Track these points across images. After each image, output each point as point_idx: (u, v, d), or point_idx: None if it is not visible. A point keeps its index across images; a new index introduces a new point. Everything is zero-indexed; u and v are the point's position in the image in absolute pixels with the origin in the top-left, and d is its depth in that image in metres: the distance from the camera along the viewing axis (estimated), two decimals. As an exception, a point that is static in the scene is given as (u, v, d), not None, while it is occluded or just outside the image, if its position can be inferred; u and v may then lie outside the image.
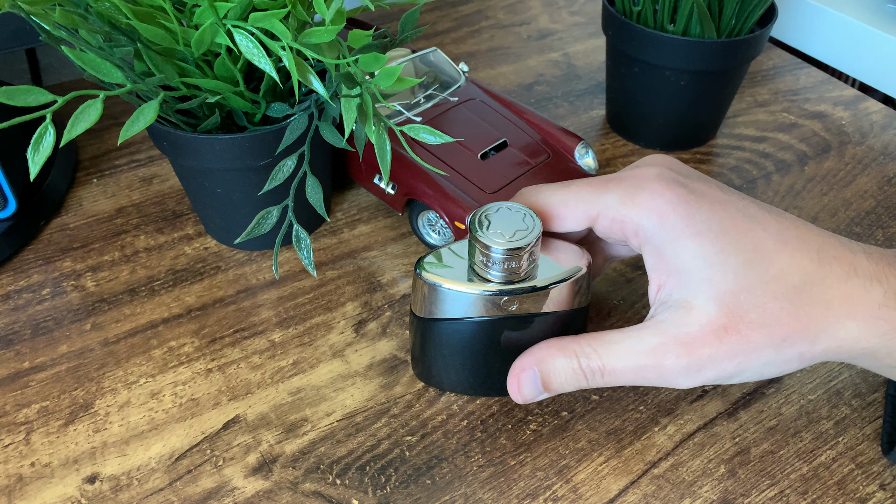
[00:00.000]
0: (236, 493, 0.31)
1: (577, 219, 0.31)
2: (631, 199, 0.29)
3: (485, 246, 0.29)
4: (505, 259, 0.29)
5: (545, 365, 0.30)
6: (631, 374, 0.29)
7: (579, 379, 0.30)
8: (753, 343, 0.28)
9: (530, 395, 0.31)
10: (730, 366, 0.28)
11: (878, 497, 0.32)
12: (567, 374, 0.30)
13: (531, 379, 0.31)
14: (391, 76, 0.30)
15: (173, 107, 0.35)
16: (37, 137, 0.27)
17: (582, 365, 0.30)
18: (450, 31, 0.65)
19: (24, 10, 0.30)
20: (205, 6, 0.30)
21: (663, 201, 0.29)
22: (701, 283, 0.28)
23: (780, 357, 0.28)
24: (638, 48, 0.47)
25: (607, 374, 0.29)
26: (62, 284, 0.41)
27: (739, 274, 0.28)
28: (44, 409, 0.35)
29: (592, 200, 0.30)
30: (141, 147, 0.51)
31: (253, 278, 0.41)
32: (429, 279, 0.31)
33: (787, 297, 0.28)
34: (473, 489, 0.32)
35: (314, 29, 0.30)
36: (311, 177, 0.35)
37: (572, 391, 0.32)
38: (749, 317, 0.28)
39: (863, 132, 0.54)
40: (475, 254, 0.30)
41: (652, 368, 0.29)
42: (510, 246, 0.29)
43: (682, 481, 0.32)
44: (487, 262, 0.29)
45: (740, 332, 0.28)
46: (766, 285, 0.28)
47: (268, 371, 0.36)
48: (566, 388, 0.31)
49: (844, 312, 0.28)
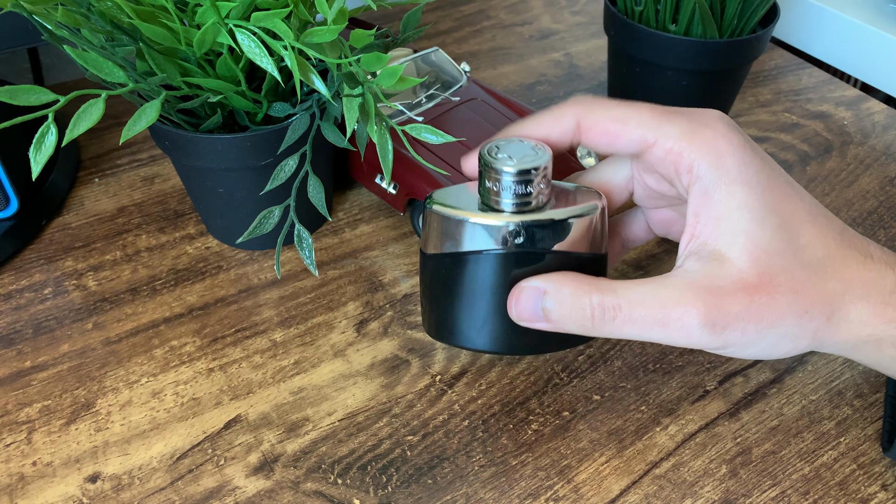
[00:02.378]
0: (238, 493, 0.31)
1: (631, 140, 0.30)
2: (694, 133, 0.29)
3: (495, 171, 0.28)
4: (515, 183, 0.28)
5: (554, 287, 0.28)
6: (648, 322, 0.27)
7: (585, 315, 0.28)
8: (780, 308, 0.27)
9: (526, 312, 0.29)
10: (753, 330, 0.27)
11: (879, 497, 0.32)
12: (575, 306, 0.28)
13: (533, 296, 0.28)
14: (393, 76, 0.30)
15: (175, 106, 0.35)
16: (39, 137, 0.27)
17: (594, 301, 0.27)
18: (451, 31, 0.65)
19: (26, 9, 0.30)
20: (207, 6, 0.30)
21: (725, 142, 0.28)
22: (739, 234, 0.28)
23: (797, 331, 0.28)
24: (640, 48, 0.47)
25: (621, 316, 0.27)
26: (64, 284, 0.41)
27: (775, 235, 0.28)
28: (45, 408, 0.35)
29: (654, 126, 0.29)
30: (143, 146, 0.51)
31: (254, 278, 0.41)
32: (438, 210, 0.30)
33: (812, 268, 0.28)
34: (475, 489, 0.32)
35: (316, 28, 0.30)
36: (312, 176, 0.35)
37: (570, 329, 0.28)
38: (778, 280, 0.27)
39: (865, 132, 0.54)
40: (485, 182, 0.29)
41: (674, 319, 0.27)
42: (520, 167, 0.28)
43: (683, 481, 0.32)
44: (497, 189, 0.29)
45: (770, 293, 0.27)
46: (796, 253, 0.28)
47: (269, 370, 0.36)
48: (567, 322, 0.28)
49: (859, 294, 0.28)
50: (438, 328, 0.33)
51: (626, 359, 0.37)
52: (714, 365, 0.37)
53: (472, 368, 0.37)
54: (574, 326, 0.28)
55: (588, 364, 0.37)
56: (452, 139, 0.31)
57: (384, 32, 0.38)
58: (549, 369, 0.37)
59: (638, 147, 0.30)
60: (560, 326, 0.29)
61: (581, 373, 0.36)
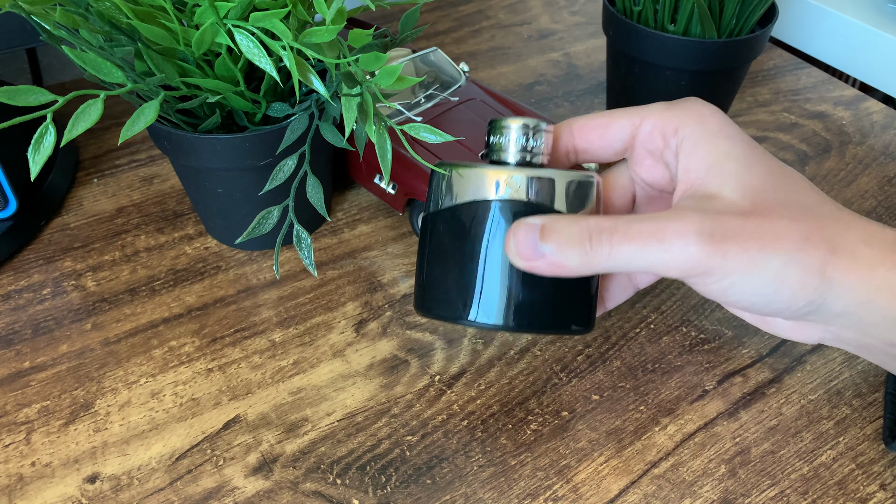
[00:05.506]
0: (237, 493, 0.31)
1: (620, 127, 0.32)
2: (674, 105, 0.31)
3: (502, 125, 0.31)
4: (521, 135, 0.31)
5: (550, 220, 0.28)
6: (645, 236, 0.27)
7: (583, 236, 0.28)
8: (779, 230, 0.27)
9: (524, 247, 0.28)
10: (755, 247, 0.26)
11: (878, 497, 0.32)
12: (572, 232, 0.28)
13: (531, 231, 0.28)
14: (391, 75, 0.30)
15: (174, 106, 0.35)
16: (37, 137, 0.27)
17: (591, 223, 0.28)
18: (450, 31, 0.65)
19: (24, 9, 0.30)
20: (205, 6, 0.30)
21: (704, 108, 0.31)
22: (728, 176, 0.29)
23: (802, 257, 0.27)
24: (638, 48, 0.47)
25: (618, 235, 0.27)
26: (63, 284, 0.41)
27: (765, 178, 0.29)
28: (44, 408, 0.35)
29: (636, 110, 0.32)
30: (141, 147, 0.51)
31: (253, 278, 0.41)
32: (446, 165, 0.32)
33: (807, 207, 0.28)
34: (474, 489, 0.32)
35: (314, 28, 0.30)
36: (311, 177, 0.35)
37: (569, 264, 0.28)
38: (774, 208, 0.28)
39: (863, 132, 0.54)
40: (491, 138, 0.32)
41: (672, 230, 0.27)
42: (526, 122, 0.31)
43: (682, 481, 0.32)
44: (504, 142, 0.31)
45: (766, 216, 0.27)
46: (789, 193, 0.28)
47: (268, 371, 0.36)
48: (565, 250, 0.28)
49: (861, 239, 0.27)
50: (432, 300, 0.32)
51: (624, 359, 0.37)
52: (713, 365, 0.37)
53: (470, 368, 0.37)
54: (573, 257, 0.28)
55: (587, 364, 0.37)
56: (451, 138, 0.31)
57: (382, 32, 0.38)
58: (547, 369, 0.37)
59: (627, 130, 0.32)
60: (559, 260, 0.28)
61: (580, 373, 0.36)
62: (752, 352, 0.38)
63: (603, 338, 0.38)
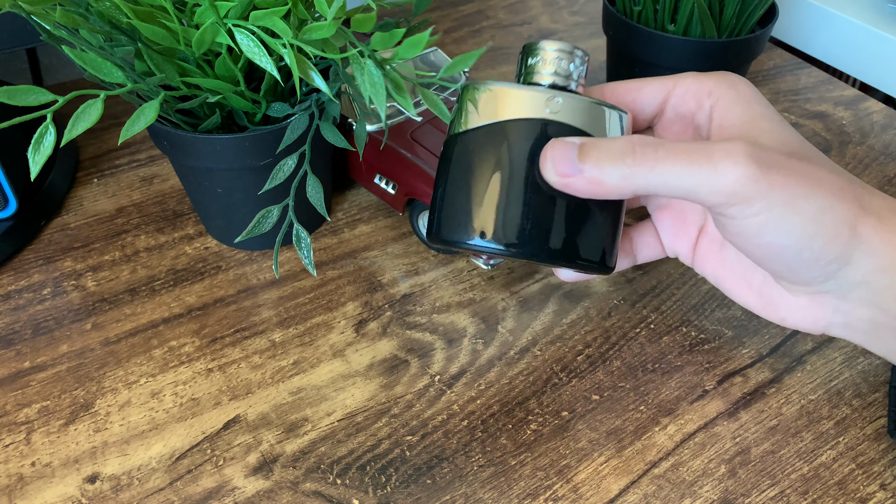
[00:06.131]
0: (237, 493, 0.31)
1: (653, 90, 0.33)
2: (707, 74, 0.33)
3: (538, 46, 0.30)
4: (557, 57, 0.30)
5: (589, 140, 0.28)
6: (693, 153, 0.26)
7: (626, 151, 0.27)
8: (818, 175, 0.27)
9: (562, 164, 0.27)
10: (797, 184, 0.26)
11: (878, 497, 0.32)
12: (613, 147, 0.27)
13: (568, 148, 0.28)
14: (417, 46, 0.28)
15: (174, 106, 0.35)
16: (37, 137, 0.27)
17: (634, 138, 0.27)
18: (450, 31, 0.65)
19: (24, 9, 0.30)
20: (205, 5, 0.30)
21: (735, 77, 0.32)
22: (763, 132, 0.30)
23: (839, 206, 0.27)
24: (639, 48, 0.47)
25: (663, 150, 0.26)
26: (63, 284, 0.41)
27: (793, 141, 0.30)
28: (44, 408, 0.35)
29: (669, 77, 0.33)
30: (141, 147, 0.51)
31: (253, 278, 0.41)
32: (476, 84, 0.31)
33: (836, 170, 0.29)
34: (474, 489, 0.32)
35: (315, 24, 0.30)
36: (311, 176, 0.35)
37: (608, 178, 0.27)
38: (812, 159, 0.29)
39: (864, 132, 0.54)
40: (527, 61, 0.31)
41: (721, 149, 0.26)
42: (562, 45, 0.31)
43: (682, 481, 0.32)
44: (539, 63, 0.31)
45: (805, 162, 0.28)
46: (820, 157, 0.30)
47: (268, 371, 0.36)
48: (605, 166, 0.27)
49: (886, 207, 0.28)
50: (449, 225, 0.31)
51: (624, 359, 0.37)
52: (713, 365, 0.37)
53: (470, 368, 0.37)
54: (612, 170, 0.27)
55: (587, 364, 0.37)
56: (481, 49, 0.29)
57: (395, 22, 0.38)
58: (547, 369, 0.37)
59: (660, 95, 0.33)
60: (596, 174, 0.27)
61: (580, 373, 0.36)
62: (752, 352, 0.38)
63: (603, 338, 0.38)
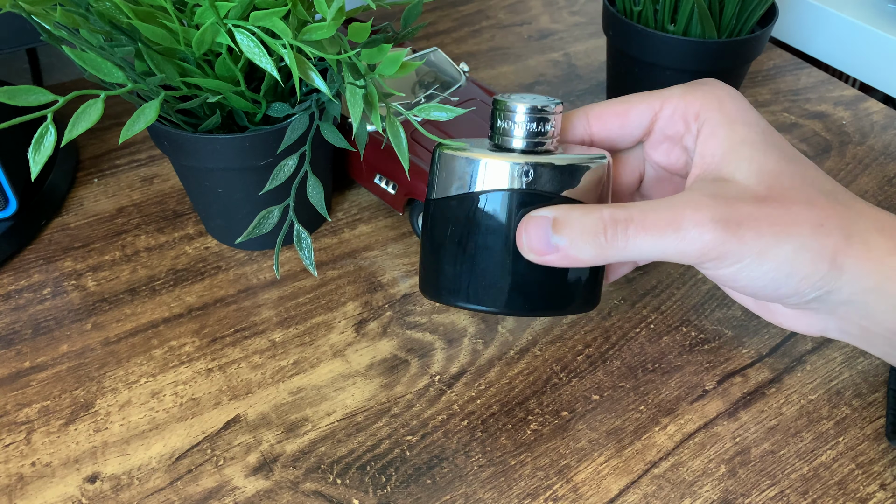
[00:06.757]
0: (237, 493, 0.31)
1: (640, 113, 0.32)
2: (694, 88, 0.31)
3: (507, 108, 0.29)
4: (528, 120, 0.29)
5: (563, 212, 0.28)
6: (661, 226, 0.27)
7: (598, 229, 0.27)
8: (793, 215, 0.27)
9: (537, 241, 0.28)
10: (769, 232, 0.27)
11: (878, 497, 0.32)
12: (585, 225, 0.27)
13: (543, 224, 0.28)
14: (395, 63, 0.29)
15: (174, 106, 0.35)
16: (38, 137, 0.27)
17: (605, 215, 0.27)
18: (450, 31, 0.65)
19: (24, 9, 0.30)
20: (206, 6, 0.30)
21: (724, 93, 0.31)
22: (743, 160, 0.28)
23: (815, 244, 0.27)
24: (638, 48, 0.47)
25: (633, 226, 0.27)
26: (63, 284, 0.41)
27: (780, 163, 0.29)
28: (44, 408, 0.35)
29: (656, 94, 0.32)
30: (142, 147, 0.51)
31: (254, 278, 0.41)
32: (448, 152, 0.30)
33: (822, 192, 0.28)
34: (474, 489, 0.32)
35: (314, 25, 0.30)
36: (311, 176, 0.35)
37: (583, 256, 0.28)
38: (789, 193, 0.28)
39: (863, 132, 0.54)
40: (497, 122, 0.30)
41: (687, 218, 0.27)
42: (533, 104, 0.29)
43: (682, 481, 0.32)
44: (510, 127, 0.29)
45: (780, 202, 0.27)
46: (805, 178, 0.29)
47: (268, 371, 0.36)
48: (579, 243, 0.28)
49: (874, 227, 0.28)
50: (436, 285, 0.32)
51: (624, 359, 0.37)
52: (713, 365, 0.37)
53: (470, 368, 0.37)
54: (588, 249, 0.28)
55: (587, 364, 0.37)
56: (462, 111, 0.30)
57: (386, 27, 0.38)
58: (547, 369, 0.37)
59: (647, 117, 0.32)
60: (573, 252, 0.28)
61: (580, 373, 0.36)
62: (752, 352, 0.38)
63: (603, 338, 0.38)
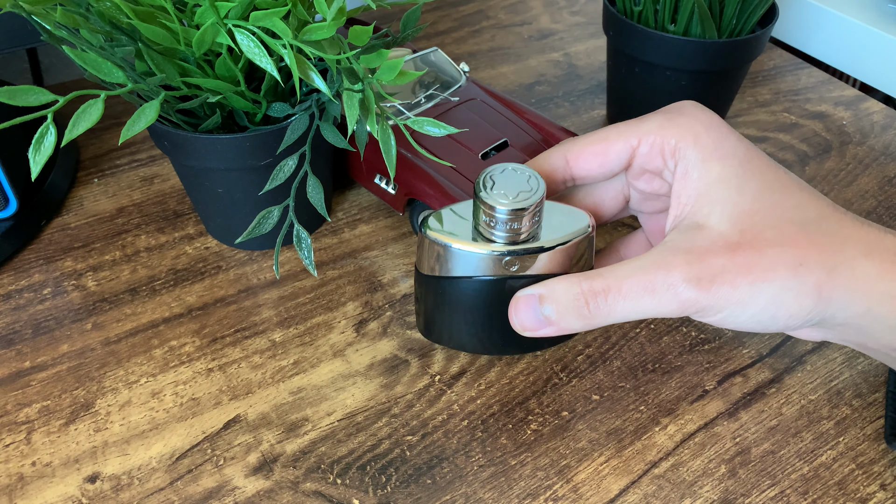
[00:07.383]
0: (237, 493, 0.31)
1: (617, 151, 0.31)
2: (670, 121, 0.30)
3: (489, 207, 0.29)
4: (508, 220, 0.29)
5: (548, 289, 0.29)
6: (637, 292, 0.27)
7: (580, 304, 0.28)
8: (769, 259, 0.27)
9: (528, 321, 0.30)
10: (745, 282, 0.27)
11: (878, 497, 0.32)
12: (568, 299, 0.28)
13: (530, 304, 0.29)
14: (393, 69, 0.30)
15: (174, 106, 0.35)
16: (38, 137, 0.27)
17: (584, 288, 0.28)
18: (451, 31, 0.65)
19: (25, 9, 0.30)
20: (206, 6, 0.30)
21: (700, 124, 0.30)
22: (717, 203, 0.28)
23: (795, 284, 0.27)
24: (639, 48, 0.47)
25: (611, 295, 0.28)
26: (63, 284, 0.41)
27: (757, 197, 0.28)
28: (45, 408, 0.35)
29: (633, 129, 0.31)
30: (142, 147, 0.51)
31: (254, 278, 0.41)
32: (434, 238, 0.31)
33: (804, 224, 0.28)
34: (474, 489, 0.32)
35: (314, 25, 0.30)
36: (311, 177, 0.35)
37: (573, 327, 0.29)
38: (765, 235, 0.27)
39: (864, 132, 0.54)
40: (479, 214, 0.30)
41: (660, 282, 0.27)
42: (514, 206, 0.29)
43: (682, 481, 0.32)
44: (491, 223, 0.30)
45: (755, 247, 0.27)
46: (784, 211, 0.28)
47: (268, 370, 0.36)
48: (567, 318, 0.29)
49: (861, 252, 0.27)
50: (433, 332, 0.35)
51: (625, 359, 0.37)
52: (713, 365, 0.37)
53: (471, 368, 0.37)
54: (575, 321, 0.29)
55: (587, 364, 0.37)
56: (455, 130, 0.31)
57: (384, 32, 0.38)
58: (548, 369, 0.37)
59: (626, 154, 0.31)
60: (563, 326, 0.29)
61: (580, 373, 0.36)
62: (752, 352, 0.38)
63: (603, 338, 0.38)
